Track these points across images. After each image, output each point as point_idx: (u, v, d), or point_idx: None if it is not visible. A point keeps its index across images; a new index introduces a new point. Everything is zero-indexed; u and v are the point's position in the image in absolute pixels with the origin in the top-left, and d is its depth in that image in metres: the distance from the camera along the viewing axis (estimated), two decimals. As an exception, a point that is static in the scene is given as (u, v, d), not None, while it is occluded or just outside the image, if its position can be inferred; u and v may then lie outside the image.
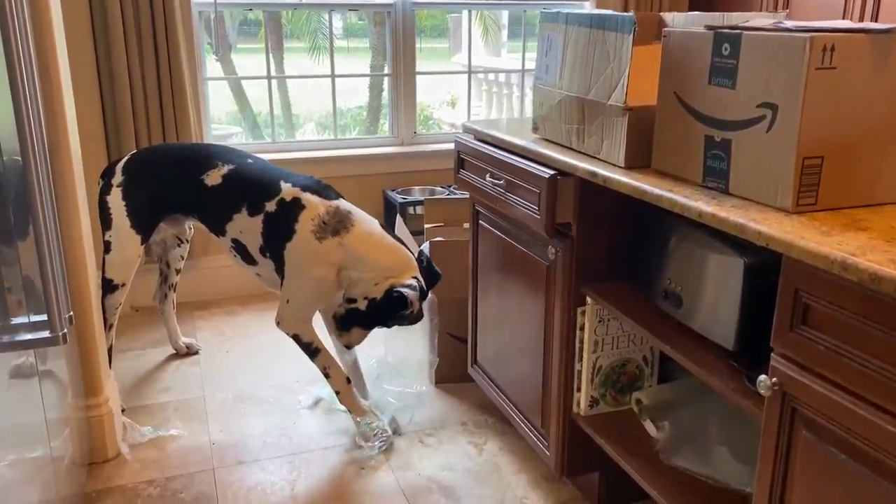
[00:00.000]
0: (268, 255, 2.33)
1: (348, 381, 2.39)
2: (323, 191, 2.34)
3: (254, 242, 2.34)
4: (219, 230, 2.40)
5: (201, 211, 2.43)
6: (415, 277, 2.29)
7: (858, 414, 1.13)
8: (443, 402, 2.61)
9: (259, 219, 2.31)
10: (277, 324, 2.37)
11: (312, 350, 2.36)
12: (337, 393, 2.39)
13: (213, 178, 2.37)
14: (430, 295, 2.52)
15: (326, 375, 2.38)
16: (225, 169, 2.38)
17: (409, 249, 2.35)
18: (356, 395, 2.42)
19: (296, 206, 2.29)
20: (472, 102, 4.14)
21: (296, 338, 2.36)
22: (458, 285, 2.54)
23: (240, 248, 2.38)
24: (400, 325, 2.34)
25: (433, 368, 2.72)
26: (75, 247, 2.08)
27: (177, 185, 2.42)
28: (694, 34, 1.51)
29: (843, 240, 1.17)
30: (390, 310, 2.26)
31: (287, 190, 2.32)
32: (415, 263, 2.33)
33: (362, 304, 2.28)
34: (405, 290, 2.22)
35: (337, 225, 2.26)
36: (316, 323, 2.39)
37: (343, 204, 2.33)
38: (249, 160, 2.45)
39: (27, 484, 1.50)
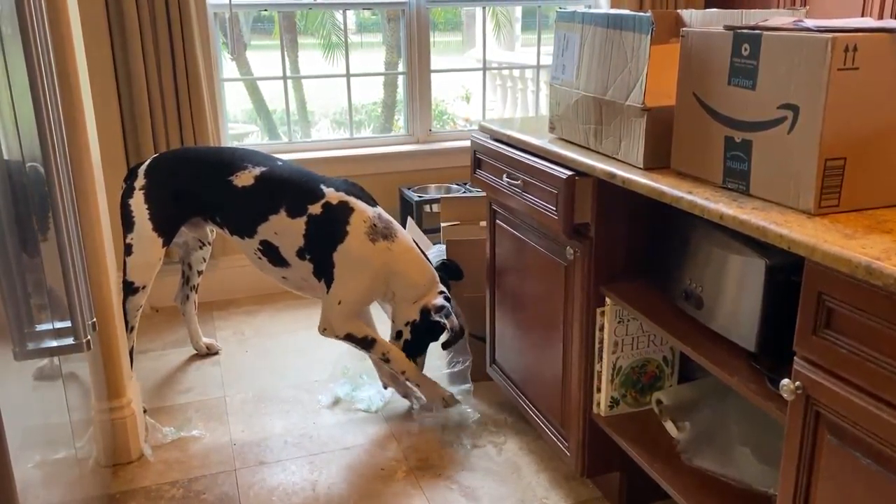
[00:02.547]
0: (307, 257, 2.35)
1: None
2: (363, 195, 2.40)
3: (291, 245, 2.36)
4: (248, 231, 2.40)
5: (226, 212, 2.44)
6: (441, 293, 2.40)
7: (883, 418, 1.12)
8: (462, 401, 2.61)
9: (301, 220, 2.33)
10: (323, 330, 2.38)
11: (369, 342, 2.40)
12: (402, 373, 2.44)
13: (244, 179, 2.38)
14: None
15: (387, 360, 2.42)
16: (257, 171, 2.39)
17: (428, 259, 2.45)
18: (419, 370, 2.48)
19: (345, 209, 2.33)
20: (487, 97, 4.13)
21: (349, 337, 2.39)
22: (476, 284, 2.54)
23: (269, 250, 2.39)
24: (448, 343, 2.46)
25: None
26: (97, 251, 2.10)
27: (201, 186, 2.43)
28: (713, 34, 1.49)
29: (866, 243, 1.16)
30: (432, 332, 2.42)
31: (331, 194, 2.35)
32: (437, 277, 2.42)
33: (407, 332, 2.40)
34: (440, 319, 2.37)
35: (385, 230, 2.34)
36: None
37: (383, 212, 2.41)
38: (279, 162, 2.46)
39: (54, 484, 1.52)
